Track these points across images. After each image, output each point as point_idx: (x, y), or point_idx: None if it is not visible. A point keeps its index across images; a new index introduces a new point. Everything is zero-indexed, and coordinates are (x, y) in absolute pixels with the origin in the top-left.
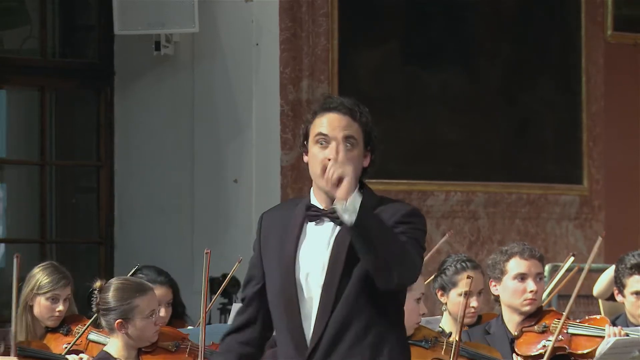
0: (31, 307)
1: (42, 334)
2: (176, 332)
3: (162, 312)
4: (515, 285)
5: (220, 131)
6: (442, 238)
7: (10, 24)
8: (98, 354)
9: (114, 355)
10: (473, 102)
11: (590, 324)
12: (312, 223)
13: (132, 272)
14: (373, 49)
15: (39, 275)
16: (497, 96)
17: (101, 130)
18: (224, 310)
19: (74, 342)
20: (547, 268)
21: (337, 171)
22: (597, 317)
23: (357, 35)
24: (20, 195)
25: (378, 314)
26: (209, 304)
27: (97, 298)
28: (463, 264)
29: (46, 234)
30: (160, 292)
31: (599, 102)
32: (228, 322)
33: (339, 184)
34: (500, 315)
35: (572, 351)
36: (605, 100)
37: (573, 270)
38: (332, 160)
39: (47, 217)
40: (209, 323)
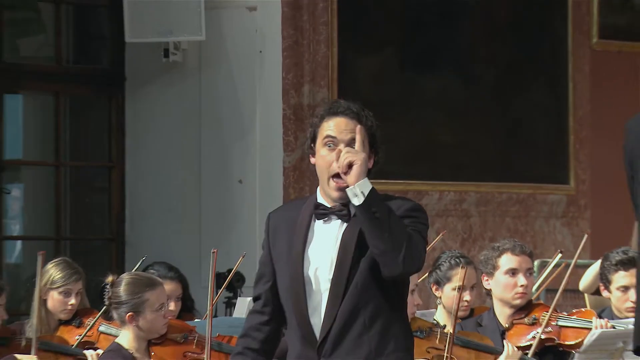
0: (45, 301)
1: (55, 326)
2: (184, 325)
3: (172, 306)
4: (506, 279)
5: (225, 134)
6: (437, 236)
7: (27, 33)
8: (110, 345)
9: (125, 347)
10: (467, 107)
11: (577, 317)
12: (320, 221)
13: (139, 264)
14: (371, 56)
15: (52, 271)
16: (490, 101)
17: (113, 133)
18: (229, 303)
19: (84, 334)
20: (536, 264)
21: (348, 157)
22: (584, 310)
23: (355, 43)
24: (36, 195)
25: (384, 304)
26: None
27: (109, 292)
28: (457, 259)
29: (61, 231)
30: (170, 287)
31: (585, 106)
32: (233, 315)
33: (349, 171)
34: (491, 308)
35: (561, 342)
36: (591, 104)
37: (561, 265)
38: (345, 149)
39: (62, 215)
40: (215, 316)
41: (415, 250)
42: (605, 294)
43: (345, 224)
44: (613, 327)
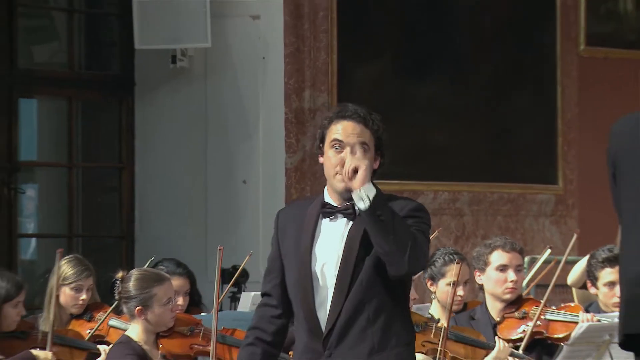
0: (57, 296)
1: (67, 320)
2: (191, 318)
3: (180, 300)
4: (497, 275)
5: (230, 136)
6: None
7: (40, 40)
8: (120, 338)
9: (135, 339)
10: (459, 111)
11: (565, 311)
12: (327, 219)
13: (149, 264)
14: (369, 63)
15: (64, 267)
16: (482, 105)
17: (123, 136)
18: (234, 298)
19: (96, 328)
20: (526, 260)
21: (353, 163)
22: (572, 304)
23: (354, 51)
24: (50, 195)
25: (387, 300)
26: (221, 294)
27: (119, 287)
28: (450, 256)
29: (73, 229)
30: (178, 283)
31: (572, 110)
32: (238, 309)
33: (354, 176)
34: (484, 303)
35: (549, 335)
36: (578, 108)
37: (550, 262)
38: (350, 155)
39: (74, 214)
40: (220, 310)
41: (419, 250)
42: (592, 290)
43: (350, 222)
44: (599, 321)
